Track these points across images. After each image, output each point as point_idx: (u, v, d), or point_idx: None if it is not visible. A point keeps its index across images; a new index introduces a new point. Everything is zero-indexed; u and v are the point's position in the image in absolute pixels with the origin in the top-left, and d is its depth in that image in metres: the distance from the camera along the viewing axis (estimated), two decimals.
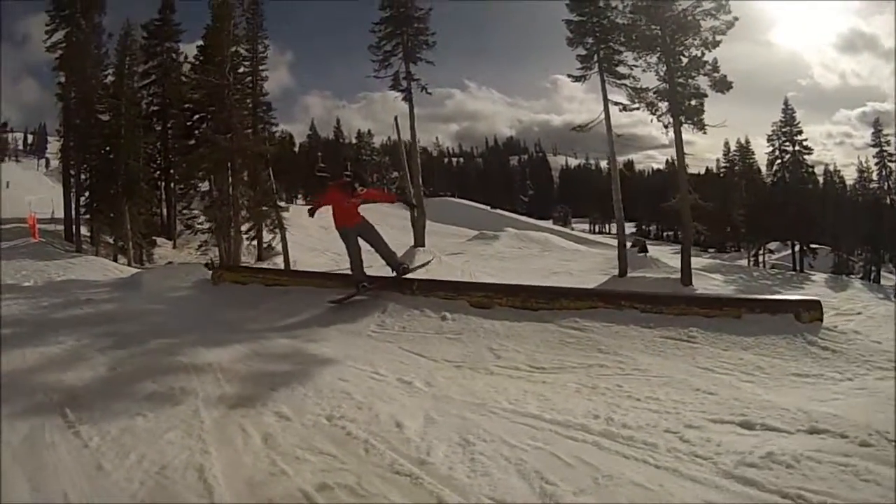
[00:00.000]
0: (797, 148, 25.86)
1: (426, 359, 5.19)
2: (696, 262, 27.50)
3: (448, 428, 3.46)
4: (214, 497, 2.76)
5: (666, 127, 16.89)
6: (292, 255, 20.14)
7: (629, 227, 37.84)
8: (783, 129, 25.95)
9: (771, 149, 26.23)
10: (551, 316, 6.18)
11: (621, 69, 17.59)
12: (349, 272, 7.63)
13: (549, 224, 36.73)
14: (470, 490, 2.74)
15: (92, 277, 10.52)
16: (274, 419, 3.70)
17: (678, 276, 18.85)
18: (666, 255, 23.58)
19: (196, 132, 16.26)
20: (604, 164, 42.67)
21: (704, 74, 16.53)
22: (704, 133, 16.88)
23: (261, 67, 19.83)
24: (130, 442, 3.40)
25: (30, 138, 39.22)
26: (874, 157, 27.73)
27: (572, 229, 37.56)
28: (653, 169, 40.25)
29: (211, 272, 8.93)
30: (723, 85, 16.65)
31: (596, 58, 17.65)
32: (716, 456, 3.19)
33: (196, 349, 5.43)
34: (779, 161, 26.14)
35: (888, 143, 26.62)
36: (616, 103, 17.51)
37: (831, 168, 32.82)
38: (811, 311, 6.26)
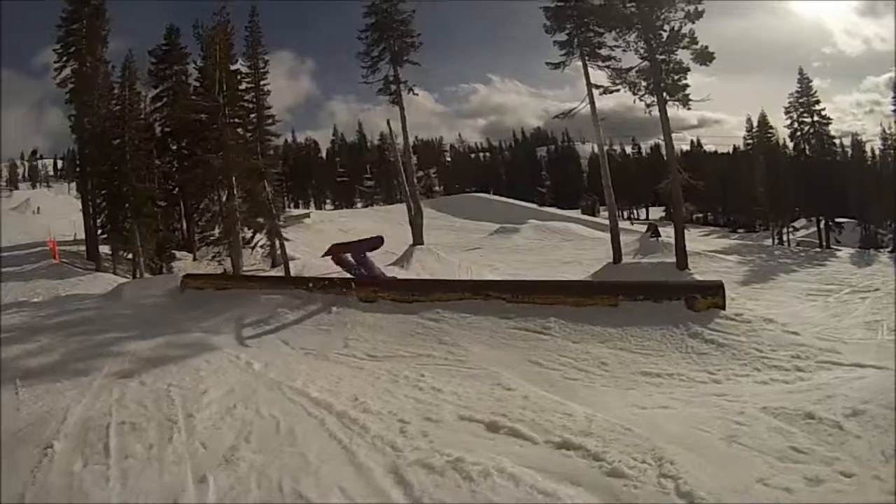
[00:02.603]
0: (815, 119, 25.39)
1: (289, 347, 7.10)
2: (718, 243, 27.67)
3: (235, 397, 5.17)
4: (63, 425, 4.76)
5: (648, 106, 17.58)
6: (306, 259, 22.67)
7: (658, 212, 38.41)
8: (800, 101, 25.56)
9: (789, 122, 25.93)
10: (421, 308, 7.76)
11: (603, 52, 18.48)
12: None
13: (577, 213, 37.56)
14: (194, 435, 4.32)
15: (93, 291, 13.28)
16: (136, 384, 5.74)
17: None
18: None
19: (197, 152, 19.00)
20: (628, 148, 44.06)
21: (684, 48, 17.09)
22: (689, 109, 17.45)
23: (262, 82, 22.33)
24: (45, 397, 5.59)
25: (59, 164, 45.85)
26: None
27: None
28: (682, 150, 40.84)
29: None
30: (704, 57, 17.13)
31: (576, 42, 18.64)
32: (409, 451, 3.73)
33: (129, 341, 7.68)
34: (798, 134, 25.80)
35: None
36: (598, 86, 18.42)
37: (859, 138, 32.23)
38: (709, 297, 6.63)
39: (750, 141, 31.04)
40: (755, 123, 30.73)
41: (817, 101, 26.08)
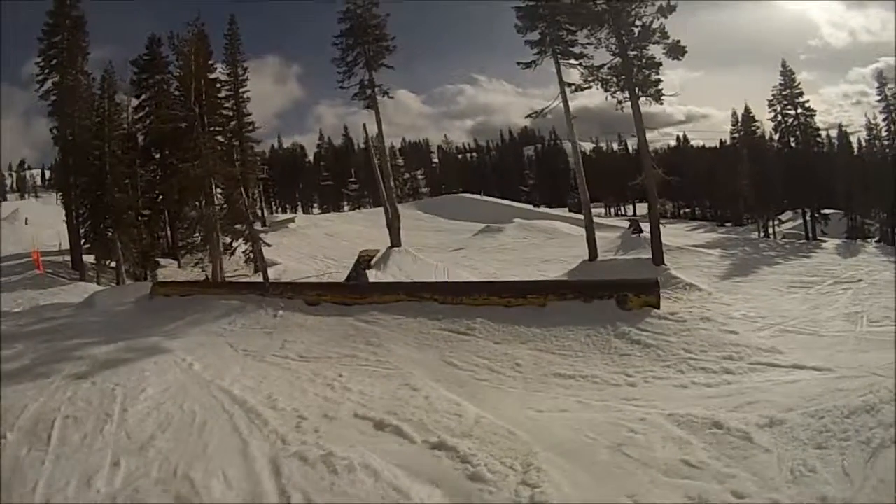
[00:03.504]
0: (799, 111, 26.13)
1: (232, 349, 7.95)
2: (703, 237, 28.32)
3: (168, 394, 6.05)
4: (18, 419, 5.70)
5: (620, 103, 18.25)
6: (289, 263, 23.75)
7: (646, 208, 39.66)
8: (783, 93, 26.29)
9: (773, 114, 26.69)
10: (358, 310, 8.61)
11: (575, 49, 19.19)
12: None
13: (564, 212, 38.39)
14: (122, 426, 5.19)
15: (71, 301, 14.36)
16: (87, 385, 6.67)
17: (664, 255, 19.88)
18: (668, 234, 24.60)
19: (174, 161, 20.05)
20: (615, 145, 45.63)
21: (655, 42, 17.75)
22: (661, 104, 18.09)
23: (242, 90, 23.37)
24: (10, 396, 6.47)
25: (46, 174, 47.34)
26: (881, 112, 27.47)
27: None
28: (669, 146, 42.74)
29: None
30: (676, 51, 17.75)
31: (548, 41, 19.38)
32: (295, 445, 4.31)
33: (92, 346, 8.61)
34: (782, 126, 26.55)
35: (894, 96, 26.24)
36: (570, 84, 19.15)
37: (845, 129, 33.43)
38: (642, 295, 7.00)
39: (736, 135, 31.96)
40: (740, 117, 31.37)
41: (801, 94, 26.84)
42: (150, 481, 4.12)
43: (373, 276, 17.66)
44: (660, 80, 18.34)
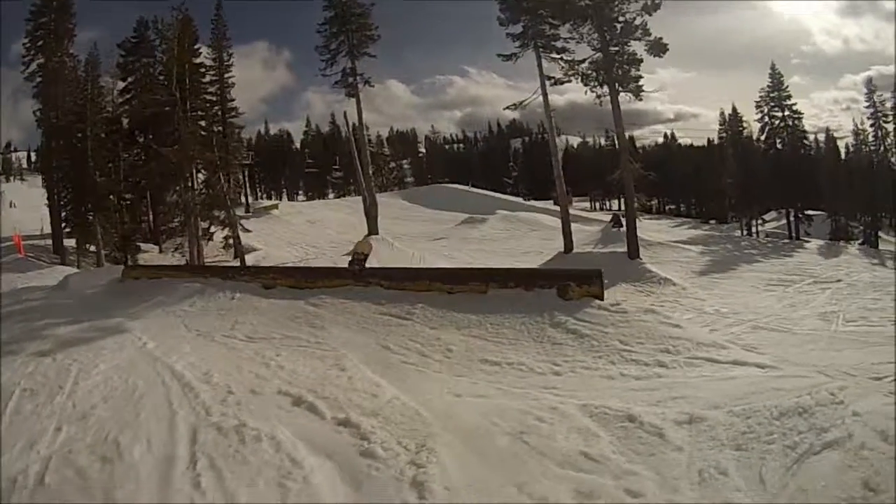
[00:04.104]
0: (786, 113, 26.83)
1: (186, 329, 8.55)
2: (685, 233, 28.97)
3: (116, 369, 6.64)
4: None
5: (599, 97, 18.92)
6: (270, 249, 24.56)
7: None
8: (771, 95, 26.98)
9: (759, 116, 27.45)
10: (309, 294, 9.12)
11: (557, 44, 19.82)
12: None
13: (550, 205, 39.08)
14: (72, 397, 5.73)
15: (47, 283, 15.07)
16: (49, 361, 7.29)
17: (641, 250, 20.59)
18: (650, 230, 25.31)
19: (153, 146, 20.71)
20: (603, 140, 46.45)
21: (636, 39, 18.38)
22: (640, 100, 18.78)
23: (227, 75, 23.97)
24: None
25: (33, 156, 47.94)
26: (868, 118, 28.26)
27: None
28: (657, 143, 44.00)
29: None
30: (658, 48, 18.42)
31: (531, 34, 19.99)
32: (216, 416, 4.70)
33: (59, 326, 9.27)
34: (768, 128, 27.26)
35: (882, 103, 27.01)
36: (550, 77, 19.80)
37: (833, 133, 34.25)
38: (585, 286, 7.14)
39: (723, 134, 32.98)
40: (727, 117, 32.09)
41: (788, 96, 27.89)
42: (83, 445, 4.67)
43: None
44: (640, 77, 19.12)
